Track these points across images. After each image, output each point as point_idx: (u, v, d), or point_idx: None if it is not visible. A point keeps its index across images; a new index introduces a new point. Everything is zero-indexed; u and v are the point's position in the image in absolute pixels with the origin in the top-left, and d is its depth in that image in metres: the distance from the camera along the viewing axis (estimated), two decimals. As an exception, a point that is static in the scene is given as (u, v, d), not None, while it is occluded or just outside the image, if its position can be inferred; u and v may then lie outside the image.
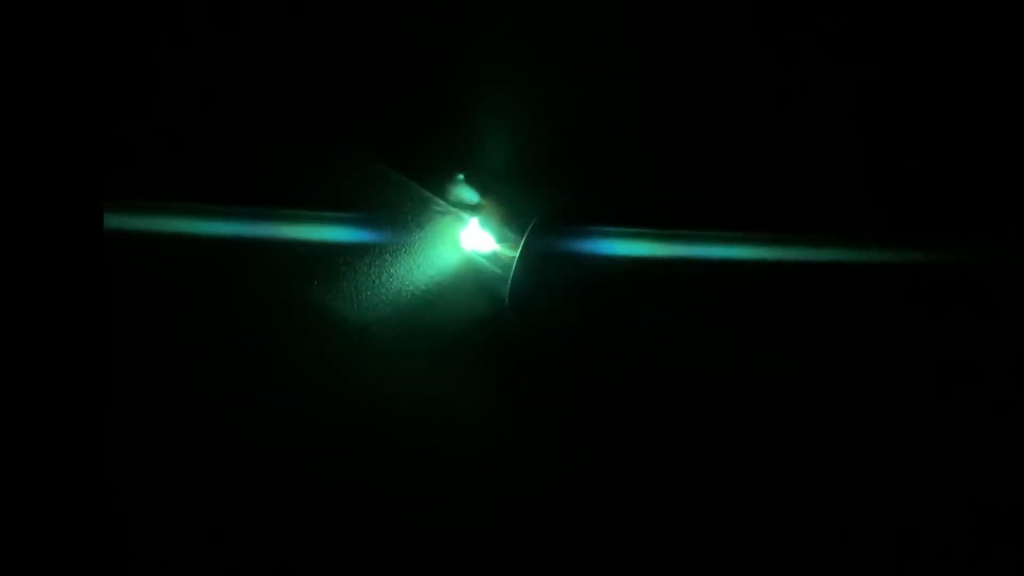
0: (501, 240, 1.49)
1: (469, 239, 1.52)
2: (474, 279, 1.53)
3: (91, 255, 1.03)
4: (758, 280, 1.51)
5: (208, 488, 1.48)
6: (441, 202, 1.52)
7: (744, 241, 1.50)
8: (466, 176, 1.52)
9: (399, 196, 1.52)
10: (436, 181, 1.52)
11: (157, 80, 1.47)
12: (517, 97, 1.54)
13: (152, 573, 1.46)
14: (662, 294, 1.52)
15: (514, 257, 1.45)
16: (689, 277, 1.51)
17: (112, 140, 1.09)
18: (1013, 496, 1.47)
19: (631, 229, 1.51)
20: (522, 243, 1.44)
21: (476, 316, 1.53)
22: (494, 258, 1.51)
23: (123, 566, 1.43)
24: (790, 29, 1.51)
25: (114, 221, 1.39)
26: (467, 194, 1.52)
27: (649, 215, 1.52)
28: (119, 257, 1.36)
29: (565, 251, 1.50)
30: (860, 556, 1.49)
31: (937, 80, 1.51)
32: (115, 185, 1.31)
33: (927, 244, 1.51)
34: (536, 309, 1.50)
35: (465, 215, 1.52)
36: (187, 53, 1.48)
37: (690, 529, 1.50)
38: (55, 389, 0.99)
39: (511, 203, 1.50)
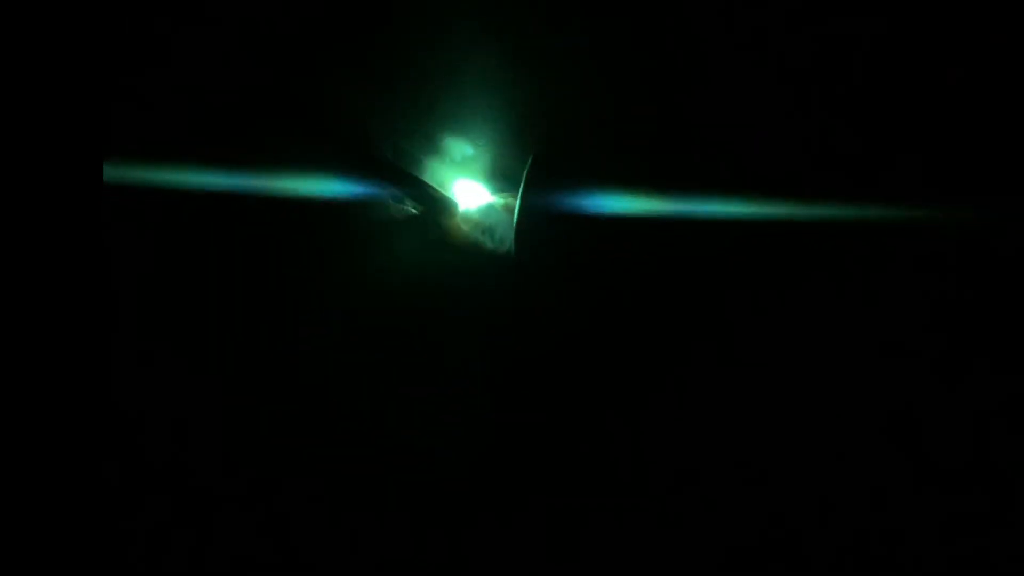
0: (495, 192, 1.50)
1: (462, 192, 1.53)
2: (470, 230, 1.53)
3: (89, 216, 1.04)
4: (753, 240, 1.52)
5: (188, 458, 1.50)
6: (433, 156, 1.53)
7: (737, 200, 1.50)
8: (458, 131, 1.53)
9: (392, 149, 1.53)
10: (428, 137, 1.53)
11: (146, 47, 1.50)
12: (511, 50, 1.54)
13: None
14: (657, 246, 1.53)
15: (512, 206, 1.45)
16: (682, 235, 1.52)
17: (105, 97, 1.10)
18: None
19: (628, 182, 1.52)
20: (520, 194, 1.44)
21: (471, 271, 1.54)
22: (489, 209, 1.51)
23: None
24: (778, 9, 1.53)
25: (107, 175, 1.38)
26: (459, 148, 1.53)
27: (646, 169, 1.53)
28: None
29: (559, 203, 1.49)
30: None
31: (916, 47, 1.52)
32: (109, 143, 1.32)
33: (913, 206, 1.52)
34: (535, 258, 1.51)
35: (458, 168, 1.53)
36: (173, 22, 1.50)
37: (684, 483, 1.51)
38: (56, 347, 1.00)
39: (503, 156, 1.51)
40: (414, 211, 1.56)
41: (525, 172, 1.45)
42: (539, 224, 1.47)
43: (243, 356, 1.53)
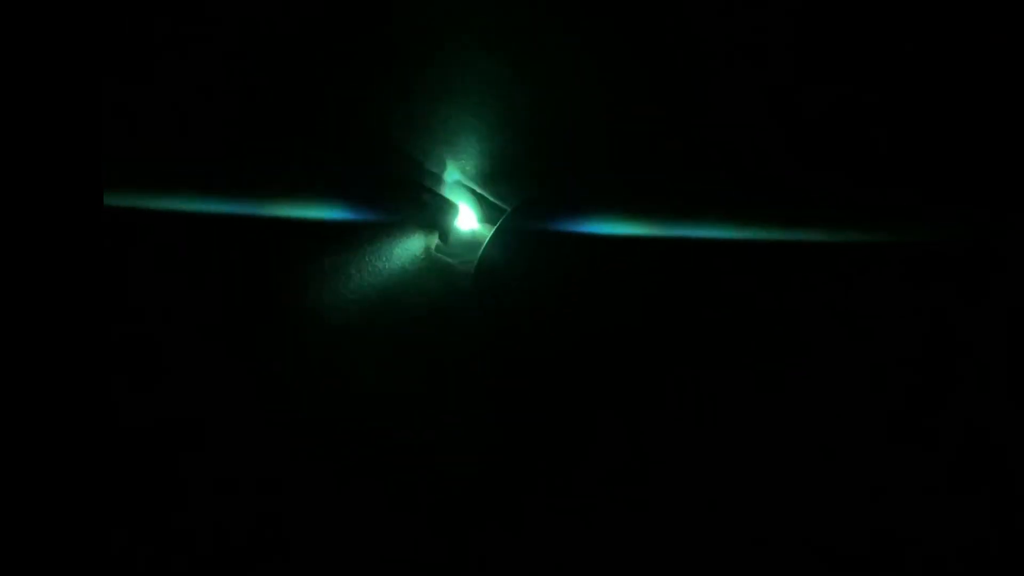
0: (481, 223, 1.50)
1: (450, 222, 1.54)
2: (450, 263, 1.54)
3: (89, 240, 1.04)
4: (738, 265, 1.52)
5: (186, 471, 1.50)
6: (423, 185, 1.53)
7: (722, 226, 1.51)
8: (448, 161, 1.53)
9: (381, 179, 1.53)
10: (419, 165, 1.54)
11: (146, 65, 1.50)
12: (500, 83, 1.54)
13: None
14: (640, 279, 1.54)
15: (486, 240, 1.46)
16: (668, 263, 1.52)
17: (103, 124, 1.10)
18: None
19: (610, 215, 1.52)
20: (496, 226, 1.45)
21: (450, 299, 1.55)
22: (472, 241, 1.52)
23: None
24: (778, 11, 1.53)
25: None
26: (449, 178, 1.53)
27: (630, 201, 1.53)
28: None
29: (542, 235, 1.51)
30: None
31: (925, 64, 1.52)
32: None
33: (920, 225, 1.52)
34: (508, 293, 1.52)
35: (447, 199, 1.53)
36: (176, 44, 1.50)
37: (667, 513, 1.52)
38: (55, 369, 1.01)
39: (493, 187, 1.52)
40: (411, 233, 1.57)
41: (503, 219, 1.46)
42: (512, 254, 1.48)
43: (243, 361, 1.54)
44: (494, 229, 1.48)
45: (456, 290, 1.56)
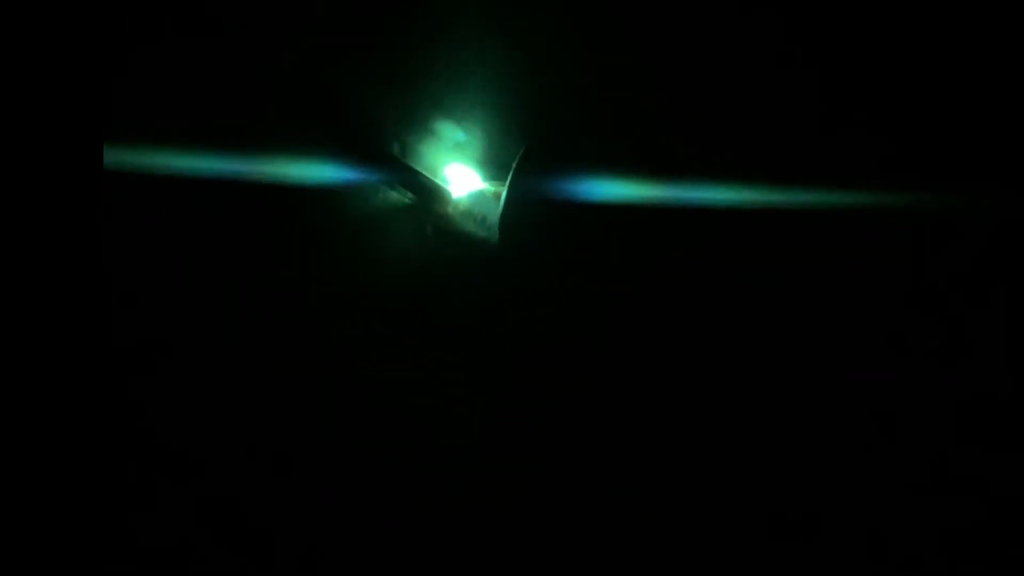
0: (487, 178, 1.50)
1: (454, 178, 1.53)
2: (461, 218, 1.53)
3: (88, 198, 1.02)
4: (748, 225, 1.51)
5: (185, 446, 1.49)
6: (425, 143, 1.53)
7: (731, 185, 1.50)
8: (450, 116, 1.52)
9: (382, 136, 1.52)
10: (420, 122, 1.53)
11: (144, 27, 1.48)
12: (502, 36, 1.54)
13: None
14: (649, 235, 1.53)
15: (501, 194, 1.45)
16: (676, 220, 1.51)
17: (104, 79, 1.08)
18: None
19: (619, 170, 1.51)
20: (509, 180, 1.43)
21: (462, 256, 1.54)
22: (480, 196, 1.51)
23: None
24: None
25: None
26: (451, 134, 1.53)
27: (638, 156, 1.51)
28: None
29: (552, 189, 1.49)
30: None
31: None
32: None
33: (913, 191, 1.52)
34: (523, 247, 1.50)
35: (449, 154, 1.53)
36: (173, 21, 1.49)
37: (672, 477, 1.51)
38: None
39: (497, 141, 1.51)
40: (405, 198, 1.55)
41: (516, 161, 1.44)
42: (529, 212, 1.46)
43: (233, 348, 1.51)
44: (504, 197, 1.46)
45: (451, 268, 1.54)
